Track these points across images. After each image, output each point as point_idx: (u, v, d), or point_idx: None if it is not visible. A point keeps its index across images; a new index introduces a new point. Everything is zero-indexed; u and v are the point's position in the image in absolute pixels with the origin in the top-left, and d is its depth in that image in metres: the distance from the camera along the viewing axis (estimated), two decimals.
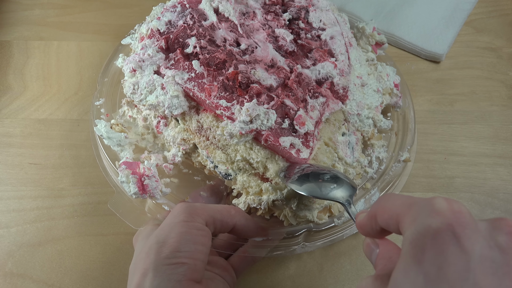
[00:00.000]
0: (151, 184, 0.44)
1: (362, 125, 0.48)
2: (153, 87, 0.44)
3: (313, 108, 0.43)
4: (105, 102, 0.52)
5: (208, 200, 0.47)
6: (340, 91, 0.45)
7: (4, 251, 0.49)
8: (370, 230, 0.28)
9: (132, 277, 0.34)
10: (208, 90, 0.42)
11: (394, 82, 0.53)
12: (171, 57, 0.46)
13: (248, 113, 0.39)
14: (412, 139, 0.51)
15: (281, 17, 0.50)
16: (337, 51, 0.48)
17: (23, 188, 0.53)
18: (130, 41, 0.54)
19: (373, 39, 0.54)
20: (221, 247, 0.43)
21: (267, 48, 0.47)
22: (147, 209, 0.45)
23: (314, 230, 0.44)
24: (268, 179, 0.41)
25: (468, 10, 0.69)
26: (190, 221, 0.35)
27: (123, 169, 0.44)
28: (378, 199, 0.28)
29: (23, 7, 0.71)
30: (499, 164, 0.55)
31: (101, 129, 0.47)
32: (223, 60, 0.44)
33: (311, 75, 0.45)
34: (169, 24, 0.48)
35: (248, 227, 0.39)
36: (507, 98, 0.61)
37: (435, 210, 0.21)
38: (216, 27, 0.48)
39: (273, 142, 0.40)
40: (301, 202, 0.40)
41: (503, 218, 0.21)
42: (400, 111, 0.53)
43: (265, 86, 0.43)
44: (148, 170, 0.44)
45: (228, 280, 0.39)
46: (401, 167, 0.48)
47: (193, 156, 0.47)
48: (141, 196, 0.43)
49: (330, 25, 0.50)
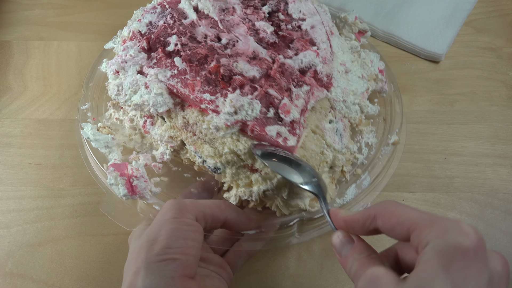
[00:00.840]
0: (140, 184, 0.44)
1: (349, 112, 0.48)
2: (137, 87, 0.45)
3: (298, 96, 0.43)
4: (91, 106, 0.52)
5: (199, 197, 0.47)
6: (324, 78, 0.46)
7: (4, 251, 0.49)
8: (357, 227, 0.30)
9: (125, 277, 0.34)
10: (192, 85, 0.42)
11: (378, 68, 0.53)
12: (153, 56, 0.46)
13: (232, 104, 0.39)
14: (400, 121, 0.51)
15: (260, 10, 0.51)
16: (319, 40, 0.48)
17: (23, 188, 0.53)
18: (113, 45, 0.55)
19: (356, 27, 0.55)
20: (216, 242, 0.43)
21: (248, 41, 0.47)
22: (139, 209, 0.45)
23: (307, 218, 0.44)
24: (257, 170, 0.41)
25: (468, 10, 0.69)
26: (179, 217, 0.35)
27: (111, 171, 0.44)
28: (380, 203, 0.30)
29: (23, 7, 0.71)
30: (499, 164, 0.55)
31: (88, 132, 0.47)
32: (205, 55, 0.44)
33: (294, 64, 0.45)
34: (150, 25, 0.49)
35: (239, 220, 0.40)
36: (507, 98, 0.61)
37: (465, 231, 0.24)
38: (197, 25, 0.49)
39: (259, 131, 0.40)
40: (292, 190, 0.40)
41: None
42: (386, 96, 0.54)
43: (248, 78, 0.43)
44: (137, 170, 0.44)
45: (224, 276, 0.39)
46: (391, 150, 0.49)
47: (181, 153, 0.47)
48: (131, 197, 0.43)
49: (310, 15, 0.50)
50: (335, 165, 0.45)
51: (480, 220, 0.51)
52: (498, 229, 0.51)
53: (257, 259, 0.48)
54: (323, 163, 0.43)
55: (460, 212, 0.52)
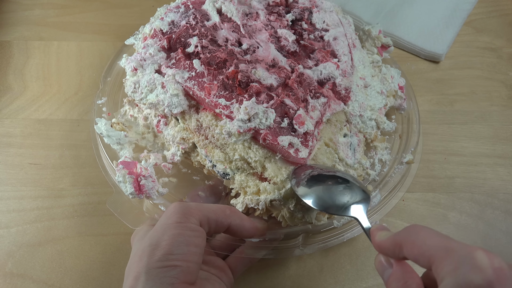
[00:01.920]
0: (148, 184, 0.43)
1: (365, 127, 0.47)
2: (154, 86, 0.45)
3: (313, 108, 0.42)
4: (107, 101, 0.52)
5: (206, 200, 0.47)
6: (342, 91, 0.45)
7: (4, 251, 0.49)
8: (390, 254, 0.29)
9: (126, 280, 0.34)
10: (208, 89, 0.42)
11: (398, 84, 0.52)
12: (173, 56, 0.46)
13: (246, 112, 0.39)
14: (416, 140, 0.50)
15: (284, 18, 0.50)
16: (340, 52, 0.48)
17: (23, 188, 0.53)
18: (134, 41, 0.55)
19: (379, 42, 0.54)
20: (218, 247, 0.42)
21: (269, 48, 0.47)
22: (145, 208, 0.45)
23: (312, 231, 0.43)
24: (266, 179, 0.41)
25: (468, 10, 0.69)
26: (183, 222, 0.34)
27: (120, 168, 0.43)
28: (405, 229, 0.29)
29: (23, 7, 0.71)
30: (499, 164, 0.55)
31: (101, 127, 0.47)
32: (224, 60, 0.44)
33: (313, 75, 0.45)
34: (172, 24, 0.48)
35: (243, 227, 0.39)
36: (507, 98, 0.61)
37: (477, 265, 0.22)
38: (219, 27, 0.48)
39: (271, 141, 0.39)
40: (298, 202, 0.40)
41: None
42: (404, 114, 0.53)
43: (265, 85, 0.43)
44: (145, 170, 0.44)
45: (225, 280, 0.39)
46: (404, 169, 0.48)
47: (192, 155, 0.47)
48: (137, 196, 0.43)
49: (333, 26, 0.50)
50: None
51: (480, 220, 0.51)
52: (498, 229, 0.51)
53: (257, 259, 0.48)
54: None
55: (460, 212, 0.52)
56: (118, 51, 0.56)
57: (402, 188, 0.47)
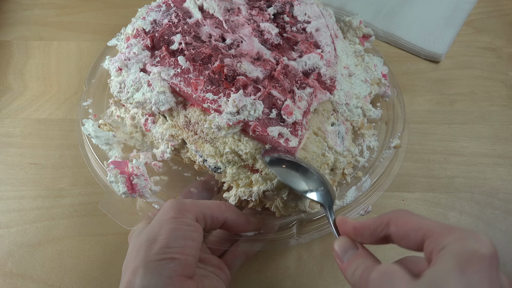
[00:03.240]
0: (140, 183, 0.44)
1: (351, 115, 0.48)
2: (140, 85, 0.45)
3: (300, 98, 0.43)
4: (92, 103, 0.52)
5: (199, 196, 0.47)
6: (327, 81, 0.46)
7: (4, 251, 0.49)
8: (367, 233, 0.30)
9: (124, 275, 0.34)
10: (195, 84, 0.42)
11: (382, 72, 0.53)
12: (157, 55, 0.46)
13: (234, 104, 0.40)
14: (402, 125, 0.51)
15: (266, 12, 0.51)
16: (323, 43, 0.48)
17: (23, 188, 0.53)
18: (116, 42, 0.55)
19: (360, 32, 0.55)
20: (214, 243, 0.43)
21: (253, 42, 0.47)
22: (138, 207, 0.45)
23: (306, 220, 0.44)
24: (257, 170, 0.41)
25: (468, 10, 0.69)
26: (179, 217, 0.35)
27: (112, 168, 0.43)
28: (392, 211, 0.30)
29: (23, 7, 0.71)
30: (499, 164, 0.55)
31: (89, 128, 0.47)
32: (209, 55, 0.44)
33: (298, 66, 0.45)
34: (154, 23, 0.49)
35: (239, 221, 0.40)
36: (507, 98, 0.61)
37: (482, 240, 0.25)
38: (201, 24, 0.49)
39: (261, 132, 0.40)
40: (291, 191, 0.40)
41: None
42: (389, 101, 0.54)
43: (251, 78, 0.43)
44: (137, 169, 0.44)
45: (222, 277, 0.39)
46: (392, 153, 0.49)
47: (182, 152, 0.47)
48: (130, 195, 0.44)
49: (315, 18, 0.51)
50: (336, 167, 0.45)
51: (480, 220, 0.51)
52: (498, 229, 0.51)
53: (257, 259, 0.48)
54: (324, 165, 0.43)
55: (460, 212, 0.52)
56: (101, 53, 0.56)
57: (392, 173, 0.48)
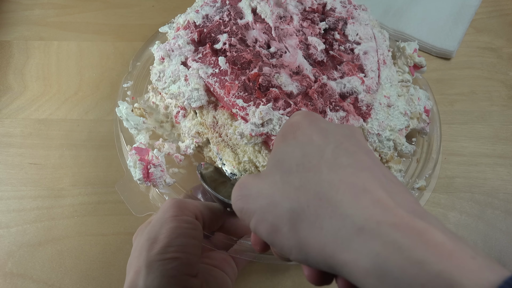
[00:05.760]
0: (156, 173, 0.44)
1: (381, 146, 0.46)
2: (177, 78, 0.45)
3: (331, 121, 0.42)
4: (133, 85, 0.53)
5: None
6: (363, 108, 0.44)
7: (4, 251, 0.49)
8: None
9: (127, 276, 0.34)
10: (228, 88, 0.42)
11: (424, 107, 0.50)
12: (200, 51, 0.46)
13: (260, 116, 0.39)
14: (432, 167, 0.48)
15: (317, 26, 0.49)
16: (368, 67, 0.46)
17: (23, 188, 0.53)
18: (167, 29, 0.55)
19: (411, 61, 0.52)
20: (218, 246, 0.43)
21: (296, 54, 0.46)
22: (151, 197, 0.46)
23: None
24: None
25: (475, 6, 0.69)
26: (179, 215, 0.35)
27: (133, 154, 0.44)
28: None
29: (23, 7, 0.71)
30: (499, 164, 0.55)
31: (122, 110, 0.47)
32: (249, 60, 0.44)
33: (336, 87, 0.44)
34: (205, 18, 0.49)
35: (237, 224, 0.39)
36: (507, 98, 0.61)
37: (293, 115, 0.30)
38: (250, 27, 0.48)
39: None
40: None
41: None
42: (426, 138, 0.51)
43: (285, 92, 0.42)
44: (156, 159, 0.45)
45: (228, 271, 0.39)
46: (415, 195, 0.46)
47: (205, 150, 0.48)
48: (145, 183, 0.44)
49: (366, 40, 0.49)
50: None
51: (480, 220, 0.51)
52: (498, 229, 0.51)
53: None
54: None
55: (460, 212, 0.52)
56: (152, 36, 0.56)
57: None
